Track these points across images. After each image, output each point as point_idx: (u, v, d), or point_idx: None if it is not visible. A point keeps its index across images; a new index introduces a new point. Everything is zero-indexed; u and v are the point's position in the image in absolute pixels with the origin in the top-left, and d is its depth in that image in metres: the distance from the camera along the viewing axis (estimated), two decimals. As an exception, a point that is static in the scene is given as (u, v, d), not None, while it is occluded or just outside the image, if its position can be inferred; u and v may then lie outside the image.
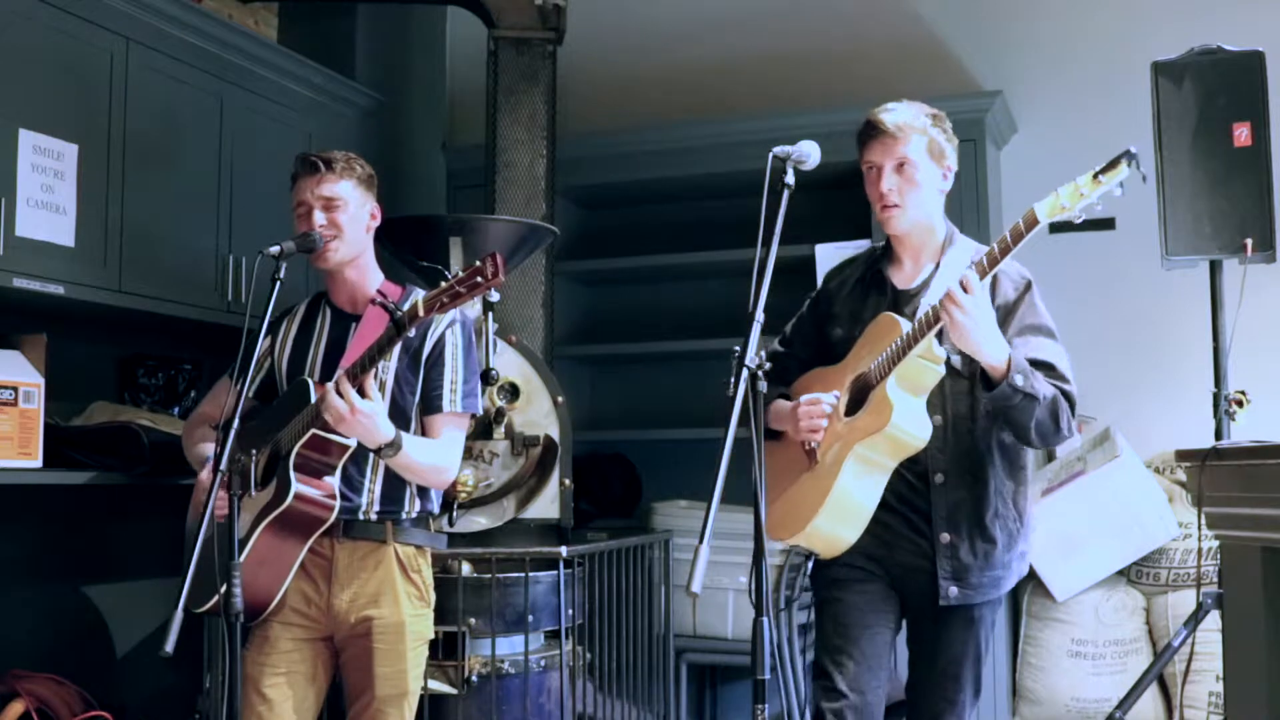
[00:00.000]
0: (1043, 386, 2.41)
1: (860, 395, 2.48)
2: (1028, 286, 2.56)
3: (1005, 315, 2.51)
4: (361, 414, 2.44)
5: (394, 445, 2.51)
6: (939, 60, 4.64)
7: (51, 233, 3.13)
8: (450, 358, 2.69)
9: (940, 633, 2.56)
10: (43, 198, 3.10)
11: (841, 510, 2.46)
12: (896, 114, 2.56)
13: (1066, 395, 2.46)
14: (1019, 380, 2.36)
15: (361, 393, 2.46)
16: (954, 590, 2.50)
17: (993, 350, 2.36)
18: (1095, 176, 2.24)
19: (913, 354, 2.37)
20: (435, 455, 2.64)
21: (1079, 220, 2.28)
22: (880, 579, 2.58)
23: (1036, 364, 2.46)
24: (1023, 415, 2.40)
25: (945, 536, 2.51)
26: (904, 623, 2.67)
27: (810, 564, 2.70)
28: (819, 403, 2.49)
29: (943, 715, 2.57)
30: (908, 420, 2.40)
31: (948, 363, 2.46)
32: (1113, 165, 2.22)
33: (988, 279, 2.37)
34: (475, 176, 4.39)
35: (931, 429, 2.44)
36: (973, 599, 2.52)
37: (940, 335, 2.41)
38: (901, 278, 2.64)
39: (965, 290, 2.30)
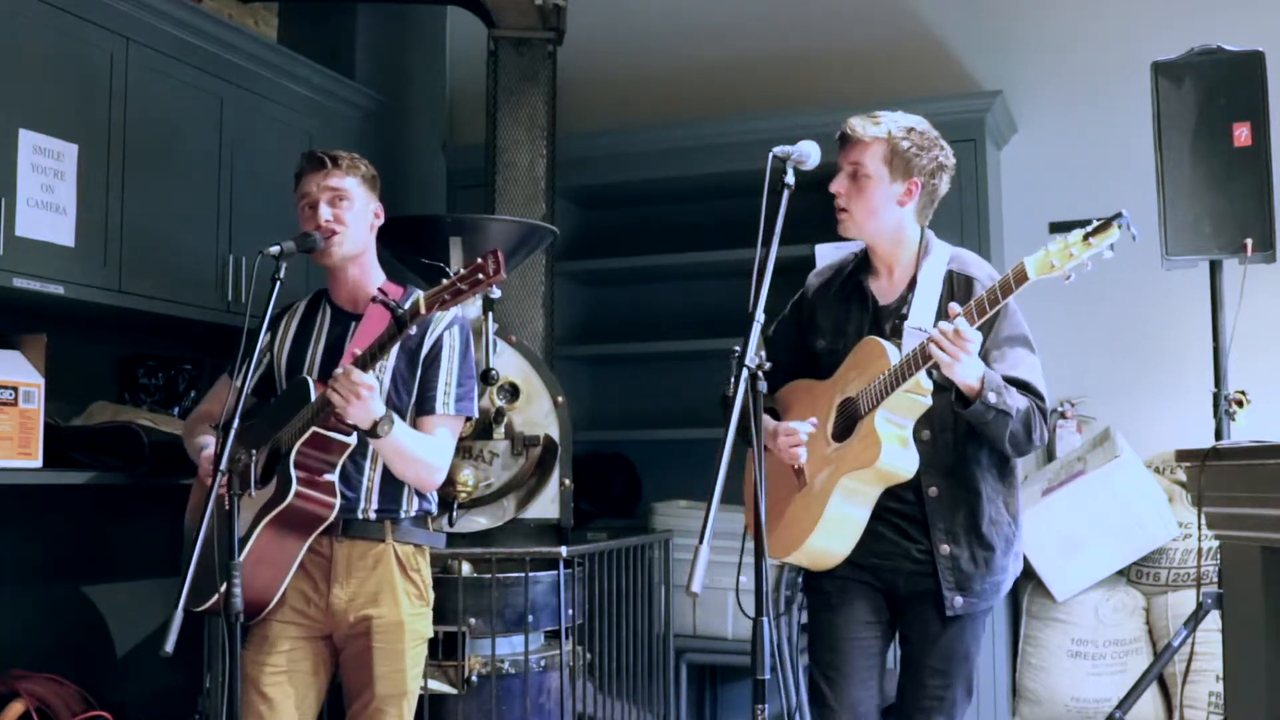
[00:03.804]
0: (1016, 400, 2.44)
1: (849, 420, 2.52)
2: None
3: (984, 324, 2.48)
4: (366, 390, 2.43)
5: (388, 419, 2.49)
6: (939, 60, 4.64)
7: (51, 233, 3.13)
8: (446, 359, 2.69)
9: (932, 634, 2.58)
10: (43, 198, 3.10)
11: (833, 532, 2.51)
12: (866, 121, 2.57)
13: (1039, 407, 2.50)
14: (992, 398, 2.39)
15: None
16: (959, 600, 2.54)
17: (973, 374, 2.38)
18: (1086, 238, 2.24)
19: (900, 389, 2.40)
20: (426, 449, 2.63)
21: (1071, 280, 2.27)
22: (870, 587, 2.61)
23: (1013, 382, 2.48)
24: (997, 429, 2.44)
25: (945, 548, 2.53)
26: (895, 628, 2.69)
27: (801, 576, 2.75)
28: (795, 433, 2.51)
29: (932, 713, 2.59)
30: (895, 457, 2.44)
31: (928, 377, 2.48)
32: (1104, 228, 2.23)
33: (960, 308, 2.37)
34: (475, 176, 4.39)
35: (918, 461, 2.47)
36: (977, 607, 2.56)
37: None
38: (880, 290, 2.66)
39: (958, 334, 2.31)
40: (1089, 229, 2.24)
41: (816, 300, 2.74)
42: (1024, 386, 2.49)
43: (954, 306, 2.36)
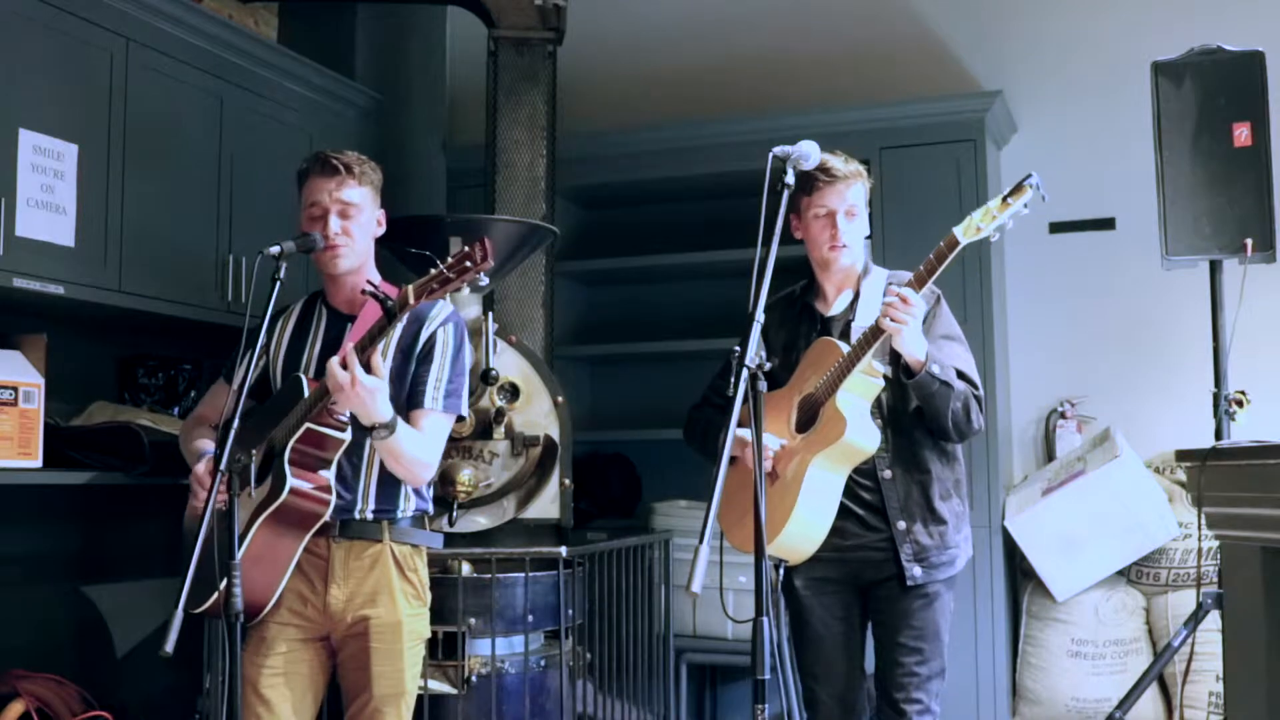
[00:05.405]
0: (956, 381, 2.69)
1: (810, 413, 2.70)
2: (938, 299, 2.82)
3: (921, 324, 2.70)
4: (362, 387, 2.43)
5: (389, 427, 2.50)
6: (939, 60, 4.65)
7: (51, 233, 3.12)
8: (439, 355, 2.68)
9: (901, 611, 2.76)
10: (43, 198, 3.10)
11: (807, 519, 2.65)
12: (844, 162, 2.77)
13: (976, 395, 2.74)
14: (936, 369, 2.63)
15: (368, 368, 2.46)
16: (918, 570, 2.73)
17: (919, 348, 2.62)
18: (1004, 200, 2.51)
19: (856, 370, 2.60)
20: (420, 448, 2.62)
21: (994, 239, 2.57)
22: (839, 584, 2.82)
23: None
24: (940, 403, 2.66)
25: (902, 524, 2.74)
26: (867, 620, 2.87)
27: (781, 573, 2.88)
28: (765, 448, 2.64)
29: (910, 688, 2.71)
30: (859, 431, 2.64)
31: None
32: (1018, 189, 2.51)
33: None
34: (475, 176, 4.39)
35: (880, 437, 2.69)
36: (935, 577, 2.75)
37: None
38: (824, 306, 2.89)
39: (905, 301, 2.55)
40: (1005, 192, 2.51)
41: (768, 323, 2.84)
42: (961, 376, 2.71)
43: (901, 290, 2.60)
